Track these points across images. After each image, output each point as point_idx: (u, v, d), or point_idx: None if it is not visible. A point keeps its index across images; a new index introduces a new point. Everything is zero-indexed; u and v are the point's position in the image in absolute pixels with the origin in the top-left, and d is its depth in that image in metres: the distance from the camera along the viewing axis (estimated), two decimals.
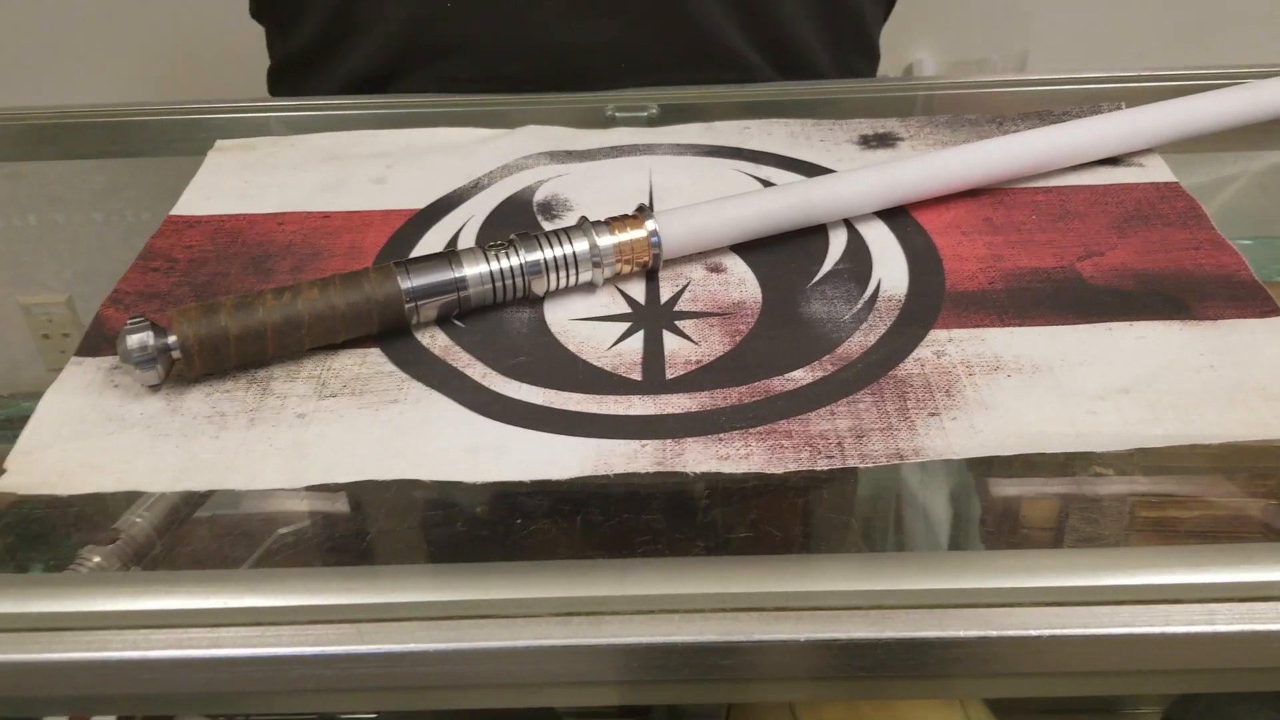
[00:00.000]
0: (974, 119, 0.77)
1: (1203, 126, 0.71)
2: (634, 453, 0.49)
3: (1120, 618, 0.40)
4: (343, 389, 0.53)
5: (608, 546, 0.46)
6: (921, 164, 0.66)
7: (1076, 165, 0.70)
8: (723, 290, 0.60)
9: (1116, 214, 0.65)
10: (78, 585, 0.43)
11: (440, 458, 0.49)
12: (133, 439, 0.50)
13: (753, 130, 0.77)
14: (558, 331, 0.57)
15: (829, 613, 0.41)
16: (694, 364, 0.55)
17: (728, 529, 0.46)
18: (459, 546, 0.46)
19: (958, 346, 0.55)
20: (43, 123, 0.84)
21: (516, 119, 0.79)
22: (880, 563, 0.44)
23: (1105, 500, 0.48)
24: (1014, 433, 0.49)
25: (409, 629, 0.40)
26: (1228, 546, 0.44)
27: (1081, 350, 0.54)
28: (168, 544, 0.47)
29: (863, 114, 0.79)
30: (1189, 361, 0.53)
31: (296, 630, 0.40)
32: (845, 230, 0.65)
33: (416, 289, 0.56)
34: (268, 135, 0.78)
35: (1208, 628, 0.40)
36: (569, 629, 0.40)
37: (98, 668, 0.40)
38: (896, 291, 0.59)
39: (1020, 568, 0.42)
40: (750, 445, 0.49)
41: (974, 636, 0.40)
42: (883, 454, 0.48)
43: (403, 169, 0.73)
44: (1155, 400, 0.51)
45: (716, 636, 0.40)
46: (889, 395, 0.52)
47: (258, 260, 0.63)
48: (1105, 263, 0.61)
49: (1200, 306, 0.57)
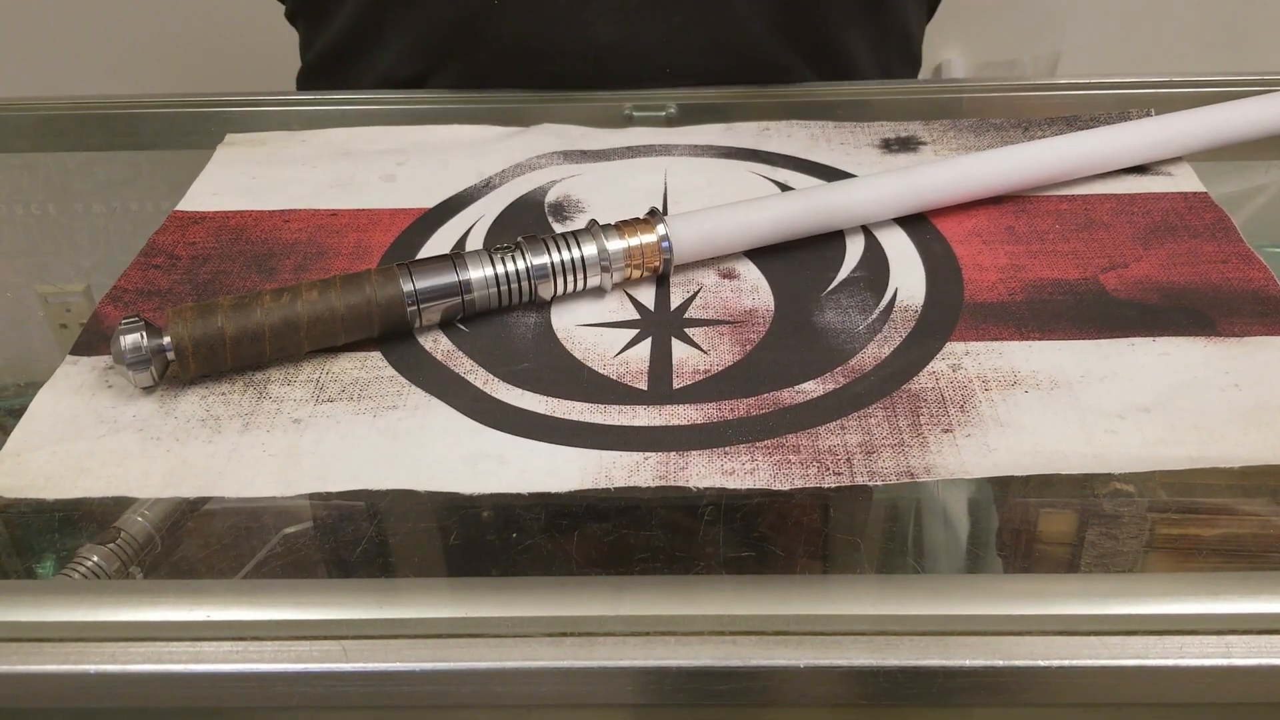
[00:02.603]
0: (999, 123, 0.75)
1: (1234, 135, 0.69)
2: (636, 465, 0.48)
3: (1132, 648, 0.39)
4: (341, 393, 0.52)
5: (604, 563, 0.44)
6: (943, 170, 0.65)
7: (1103, 173, 0.68)
8: (734, 297, 0.59)
9: (1142, 225, 0.63)
10: (52, 594, 0.41)
11: (437, 467, 0.48)
12: (124, 442, 0.49)
13: (772, 132, 0.75)
14: (564, 337, 0.56)
15: (831, 638, 0.39)
16: (702, 373, 0.53)
17: (729, 547, 0.45)
18: (450, 560, 0.45)
19: (974, 360, 0.53)
20: (61, 113, 0.83)
21: (533, 117, 0.78)
22: (885, 586, 0.42)
23: (1119, 523, 0.46)
24: (1029, 452, 0.48)
25: (394, 647, 0.39)
26: (1246, 575, 0.43)
27: (1102, 366, 0.53)
28: (168, 546, 0.46)
29: (886, 116, 0.78)
30: (1213, 380, 0.51)
31: (279, 646, 0.39)
32: (863, 237, 0.63)
33: (419, 292, 0.55)
34: (283, 130, 0.77)
35: (1224, 660, 0.38)
36: (560, 650, 0.39)
37: (71, 680, 0.39)
38: (913, 301, 0.58)
39: (1029, 593, 0.40)
40: (756, 460, 0.48)
41: (980, 666, 0.39)
42: (893, 472, 0.47)
43: (414, 166, 0.72)
44: (1177, 420, 0.49)
45: (713, 661, 0.39)
46: (901, 410, 0.50)
47: (261, 258, 0.62)
48: (1129, 275, 0.59)
49: (1226, 322, 0.55)
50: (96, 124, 0.83)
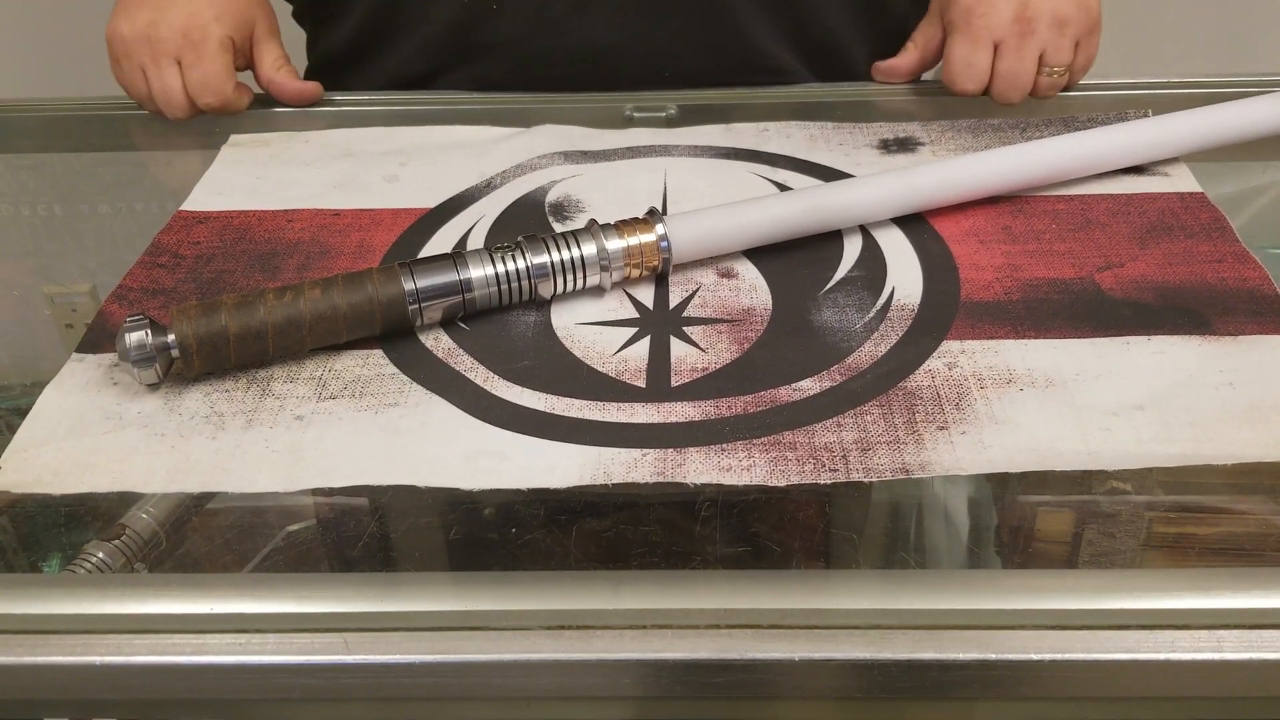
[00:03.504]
0: (996, 124, 0.76)
1: (1231, 135, 0.69)
2: (634, 462, 0.48)
3: (1124, 643, 0.39)
4: (343, 390, 0.53)
5: (603, 558, 0.45)
6: (941, 170, 0.65)
7: (1099, 174, 0.68)
8: (733, 296, 0.59)
9: (1139, 224, 0.64)
10: (58, 587, 0.42)
11: (438, 464, 0.48)
12: (129, 438, 0.50)
13: (771, 133, 0.76)
14: (563, 336, 0.57)
15: (826, 631, 0.40)
16: (700, 371, 0.54)
17: (726, 542, 0.45)
18: (451, 555, 0.46)
19: (970, 358, 0.54)
20: (66, 114, 0.84)
21: (534, 118, 0.78)
22: (879, 580, 0.42)
23: (1113, 519, 0.46)
24: (1024, 449, 0.48)
25: (395, 640, 0.39)
26: (1238, 570, 0.43)
27: (1097, 364, 0.53)
28: (173, 541, 0.46)
29: (885, 117, 0.78)
30: (1207, 379, 0.52)
31: (282, 639, 0.40)
32: (860, 236, 0.64)
33: (420, 290, 0.55)
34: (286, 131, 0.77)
35: (1215, 655, 0.39)
36: (559, 643, 0.40)
37: (77, 672, 0.39)
38: (910, 300, 0.58)
39: (1022, 588, 0.41)
40: (753, 457, 0.48)
41: (973, 659, 0.39)
42: (888, 468, 0.47)
43: (416, 167, 0.73)
44: (1171, 418, 0.49)
45: (710, 654, 0.39)
46: (897, 408, 0.51)
47: (264, 258, 0.63)
48: (1125, 274, 0.59)
49: (1221, 321, 0.55)
50: (102, 125, 0.84)
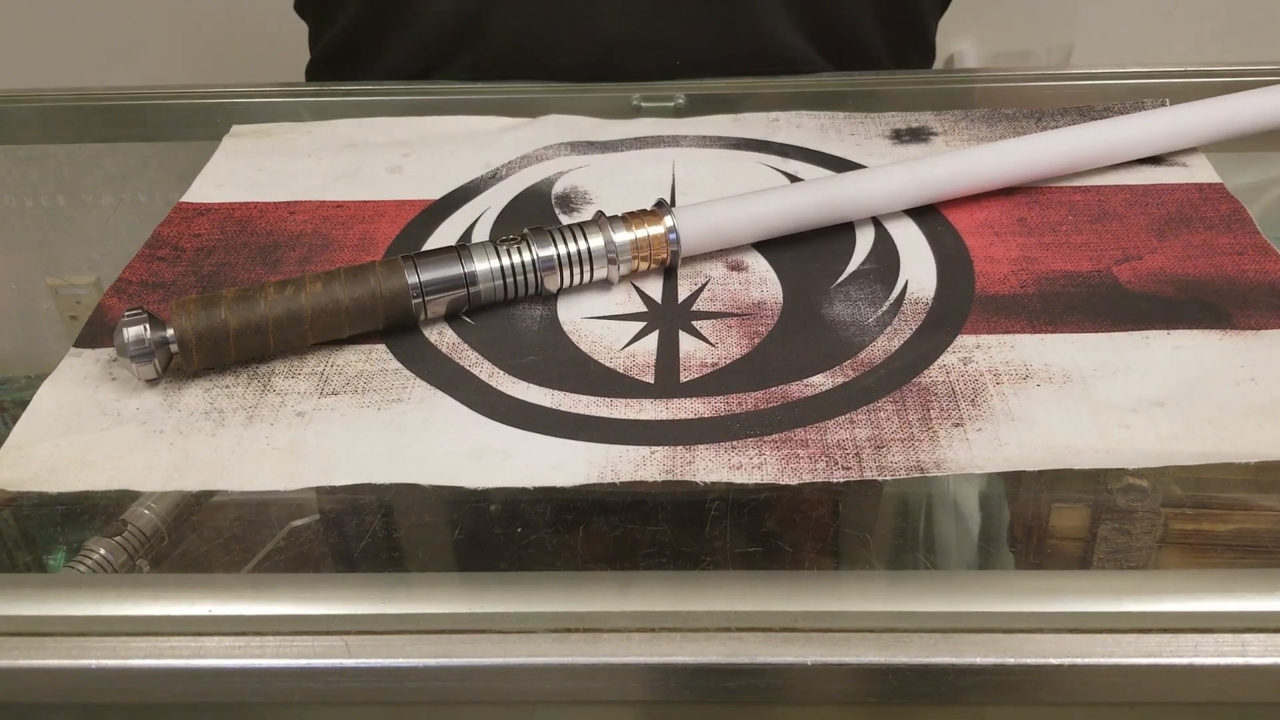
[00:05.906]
0: (1011, 114, 0.74)
1: (1251, 126, 0.68)
2: (643, 459, 0.47)
3: (1146, 646, 0.38)
4: (345, 386, 0.52)
5: (610, 558, 0.44)
6: (954, 161, 0.64)
7: (1116, 164, 0.67)
8: (743, 290, 0.58)
9: (1157, 216, 0.62)
10: (54, 588, 0.41)
11: (442, 461, 0.47)
12: (127, 435, 0.49)
13: (781, 123, 0.75)
14: (570, 330, 0.56)
15: (839, 635, 0.39)
16: (709, 367, 0.53)
17: (736, 543, 0.44)
18: (455, 555, 0.45)
19: (986, 353, 0.53)
20: (68, 105, 0.83)
21: (540, 108, 0.77)
22: (894, 582, 0.42)
23: (1132, 519, 0.45)
24: (1041, 446, 0.47)
25: (397, 643, 0.39)
26: (1263, 572, 0.42)
27: (1116, 360, 0.52)
28: (174, 539, 0.45)
29: (897, 107, 0.77)
30: (1228, 374, 0.51)
31: (282, 641, 0.39)
32: (873, 228, 0.63)
33: (424, 284, 0.54)
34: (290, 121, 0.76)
35: (1239, 659, 0.38)
36: (565, 646, 0.39)
37: (74, 675, 0.38)
38: (924, 294, 0.57)
39: (1041, 590, 0.40)
40: (764, 454, 0.47)
41: (991, 664, 0.38)
42: (902, 466, 0.46)
43: (420, 158, 0.72)
44: (1191, 415, 0.48)
45: (720, 658, 0.38)
46: (911, 404, 0.50)
47: (266, 250, 0.62)
48: (1143, 267, 0.58)
49: (1242, 315, 0.54)
50: (103, 115, 0.83)
